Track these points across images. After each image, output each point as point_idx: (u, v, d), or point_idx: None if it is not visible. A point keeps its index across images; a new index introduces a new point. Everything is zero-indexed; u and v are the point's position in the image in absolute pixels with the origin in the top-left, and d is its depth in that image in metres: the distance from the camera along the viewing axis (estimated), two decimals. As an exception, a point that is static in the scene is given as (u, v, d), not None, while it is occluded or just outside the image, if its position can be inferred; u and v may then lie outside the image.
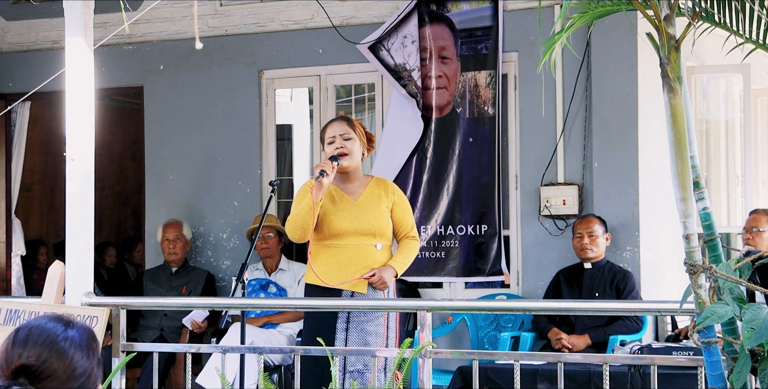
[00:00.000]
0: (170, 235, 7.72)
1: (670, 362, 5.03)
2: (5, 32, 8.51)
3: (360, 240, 5.33)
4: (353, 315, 5.26)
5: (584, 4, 3.72)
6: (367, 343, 5.23)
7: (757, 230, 6.79)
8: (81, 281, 4.90)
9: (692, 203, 3.38)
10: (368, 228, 5.34)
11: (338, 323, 5.27)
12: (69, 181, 4.93)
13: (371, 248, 5.35)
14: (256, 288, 7.30)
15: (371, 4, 7.55)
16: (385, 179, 5.61)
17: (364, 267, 5.31)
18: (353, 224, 5.33)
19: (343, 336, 5.24)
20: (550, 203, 7.06)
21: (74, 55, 4.91)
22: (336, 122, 5.51)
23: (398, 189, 5.57)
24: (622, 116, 6.94)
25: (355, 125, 5.46)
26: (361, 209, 5.38)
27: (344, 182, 5.46)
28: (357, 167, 5.46)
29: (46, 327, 2.44)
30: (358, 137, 5.42)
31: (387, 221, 5.42)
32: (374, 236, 5.35)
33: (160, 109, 8.13)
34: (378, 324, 5.28)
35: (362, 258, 5.32)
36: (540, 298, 6.97)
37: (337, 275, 5.28)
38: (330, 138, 5.41)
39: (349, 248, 5.33)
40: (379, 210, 5.40)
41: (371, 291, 5.30)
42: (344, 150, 5.36)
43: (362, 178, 5.51)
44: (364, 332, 5.27)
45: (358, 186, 5.47)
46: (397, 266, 5.36)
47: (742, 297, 3.27)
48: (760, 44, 3.67)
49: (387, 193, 5.46)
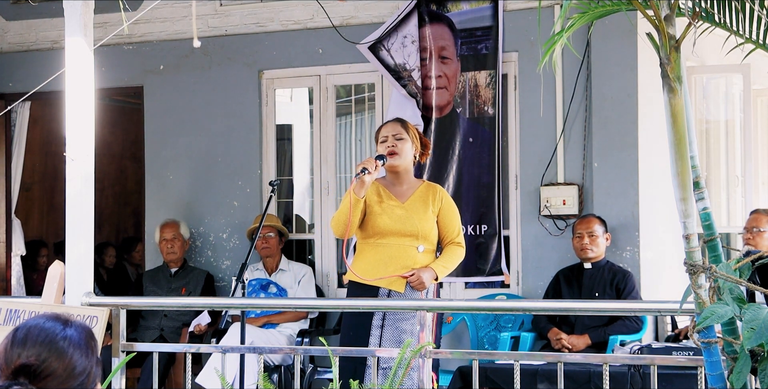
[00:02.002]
0: (167, 235, 7.72)
1: (670, 362, 5.03)
2: (5, 32, 8.51)
3: (402, 241, 5.44)
4: (389, 312, 5.35)
5: (584, 4, 3.72)
6: (401, 341, 5.27)
7: (757, 230, 6.78)
8: (81, 281, 4.90)
9: (692, 203, 3.38)
10: (411, 230, 5.43)
11: (374, 320, 5.36)
12: (69, 181, 4.93)
13: (413, 250, 5.44)
14: (257, 288, 7.30)
15: (371, 4, 7.55)
16: (435, 185, 5.70)
17: (403, 267, 5.41)
18: (396, 225, 5.44)
19: (378, 332, 5.34)
20: (550, 203, 7.06)
21: (74, 55, 4.91)
22: (390, 122, 5.66)
23: (447, 195, 5.67)
24: (622, 116, 6.94)
25: (409, 127, 5.59)
26: (407, 211, 5.48)
27: (394, 185, 5.58)
28: (407, 169, 5.58)
29: (45, 326, 2.44)
30: (411, 139, 5.55)
31: (431, 225, 5.51)
32: (416, 238, 5.45)
33: (160, 109, 8.13)
34: (412, 323, 5.32)
35: (403, 258, 5.42)
36: (540, 298, 6.97)
37: (375, 271, 5.39)
38: (383, 137, 5.56)
39: (391, 247, 5.43)
40: (424, 214, 5.50)
41: (409, 291, 5.40)
42: (394, 149, 5.48)
43: (413, 181, 5.63)
44: (399, 330, 5.34)
45: (407, 189, 5.58)
46: (438, 269, 5.45)
47: (742, 297, 3.27)
48: (760, 44, 3.67)
49: (435, 198, 5.56)
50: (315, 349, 4.89)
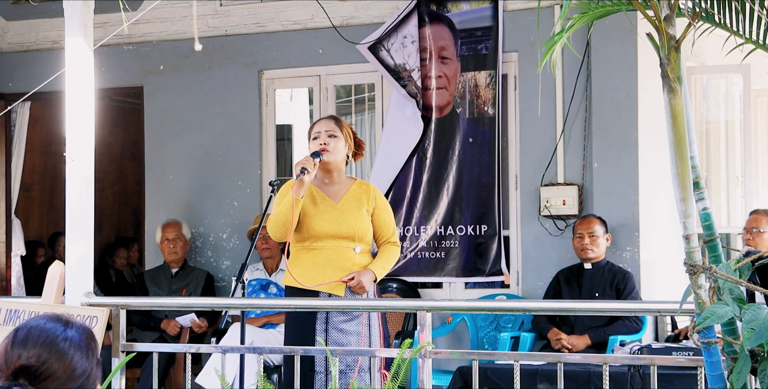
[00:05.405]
0: (170, 235, 7.72)
1: (670, 362, 5.02)
2: (5, 32, 8.51)
3: (338, 243, 5.31)
4: (332, 315, 5.25)
5: (584, 5, 3.71)
6: (346, 343, 5.22)
7: (757, 231, 6.79)
8: (81, 281, 4.89)
9: (692, 204, 3.38)
10: (347, 231, 5.31)
11: (317, 324, 5.25)
12: (69, 181, 4.92)
13: (350, 251, 5.32)
14: (257, 288, 7.31)
15: (371, 4, 7.55)
16: (367, 183, 5.58)
17: (341, 270, 5.28)
18: (332, 227, 5.31)
19: (323, 337, 5.22)
20: (550, 204, 7.06)
21: (74, 55, 4.91)
22: (324, 119, 5.53)
23: (380, 194, 5.55)
24: (622, 116, 6.94)
25: (342, 125, 5.45)
26: (342, 212, 5.36)
27: (326, 184, 5.44)
28: (339, 168, 5.43)
29: (46, 327, 2.44)
30: (344, 137, 5.40)
31: (367, 225, 5.39)
32: (353, 239, 5.32)
33: (160, 109, 8.13)
34: (356, 323, 5.26)
35: (340, 261, 5.29)
36: (540, 298, 6.97)
37: (314, 277, 5.26)
38: (315, 134, 5.41)
39: (328, 250, 5.30)
40: (359, 214, 5.37)
41: (349, 295, 5.27)
42: (326, 146, 5.34)
43: (345, 180, 5.49)
44: (342, 332, 5.25)
45: (339, 189, 5.44)
46: (376, 270, 5.33)
47: (742, 297, 3.27)
48: (760, 44, 3.67)
49: (369, 197, 5.43)
50: (315, 349, 4.88)
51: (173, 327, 7.42)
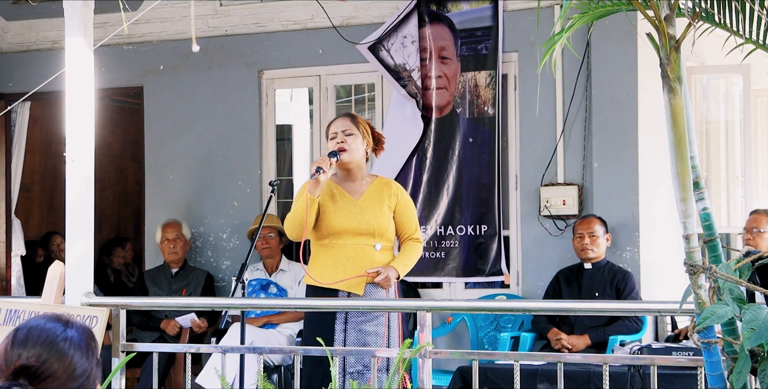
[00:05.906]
0: (170, 235, 7.72)
1: (670, 362, 5.02)
2: (5, 32, 8.51)
3: (358, 240, 5.26)
4: (351, 315, 5.20)
5: (584, 5, 3.71)
6: (366, 343, 5.18)
7: (757, 231, 6.79)
8: (81, 281, 4.89)
9: (692, 204, 3.38)
10: (366, 228, 5.25)
11: (336, 324, 5.21)
12: (69, 181, 4.92)
13: (369, 249, 5.27)
14: (257, 288, 7.30)
15: (371, 4, 7.55)
16: (389, 180, 5.53)
17: (361, 268, 5.23)
18: (351, 224, 5.25)
19: (342, 337, 5.18)
20: (550, 204, 7.06)
21: (74, 55, 4.91)
22: (340, 118, 5.47)
23: (403, 190, 5.49)
24: (622, 116, 6.94)
25: (359, 122, 5.39)
26: (361, 208, 5.30)
27: (346, 181, 5.39)
28: (359, 165, 5.38)
29: (46, 327, 2.44)
30: (362, 134, 5.35)
31: (388, 221, 5.34)
32: (373, 236, 5.27)
33: (160, 109, 8.13)
34: (377, 324, 5.22)
35: (360, 258, 5.25)
36: (540, 298, 6.97)
37: (333, 274, 5.22)
38: (332, 134, 5.36)
39: (347, 247, 5.26)
40: (380, 211, 5.32)
41: (368, 293, 5.23)
42: (344, 145, 5.29)
43: (366, 177, 5.44)
44: (362, 332, 5.21)
45: (360, 185, 5.39)
46: (399, 267, 5.28)
47: (742, 297, 3.27)
48: (760, 44, 3.67)
49: (390, 193, 5.38)
50: (315, 349, 4.87)
51: (173, 327, 7.42)
